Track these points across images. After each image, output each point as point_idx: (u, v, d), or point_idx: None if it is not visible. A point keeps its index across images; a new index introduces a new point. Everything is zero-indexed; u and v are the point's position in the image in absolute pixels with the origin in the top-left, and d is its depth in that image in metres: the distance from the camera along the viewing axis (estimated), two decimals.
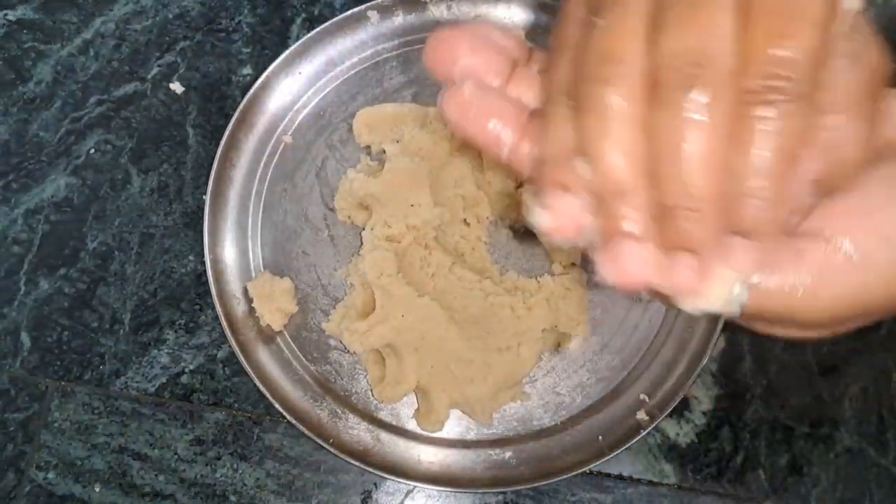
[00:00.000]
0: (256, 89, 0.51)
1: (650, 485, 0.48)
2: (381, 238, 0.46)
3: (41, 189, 0.51)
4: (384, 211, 0.46)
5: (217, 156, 0.49)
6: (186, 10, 0.56)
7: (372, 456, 0.46)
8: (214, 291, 0.47)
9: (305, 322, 0.48)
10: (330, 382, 0.48)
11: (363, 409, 0.47)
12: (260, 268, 0.49)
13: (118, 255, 0.50)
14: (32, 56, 0.54)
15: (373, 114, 0.52)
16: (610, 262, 0.20)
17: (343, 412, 0.47)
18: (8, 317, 0.49)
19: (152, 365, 0.49)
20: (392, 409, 0.48)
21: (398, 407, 0.48)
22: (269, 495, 0.47)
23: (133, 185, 0.52)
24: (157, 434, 0.47)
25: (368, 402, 0.48)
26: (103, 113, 0.53)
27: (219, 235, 0.49)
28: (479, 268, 0.49)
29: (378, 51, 0.54)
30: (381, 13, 0.54)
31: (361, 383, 0.48)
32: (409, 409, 0.48)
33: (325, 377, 0.48)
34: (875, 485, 0.48)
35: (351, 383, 0.48)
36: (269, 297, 0.47)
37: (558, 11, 0.22)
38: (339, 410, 0.47)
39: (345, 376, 0.48)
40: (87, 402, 0.48)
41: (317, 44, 0.52)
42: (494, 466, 0.46)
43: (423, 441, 0.47)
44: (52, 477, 0.47)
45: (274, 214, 0.50)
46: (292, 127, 0.52)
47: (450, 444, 0.47)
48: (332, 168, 0.52)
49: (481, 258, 0.49)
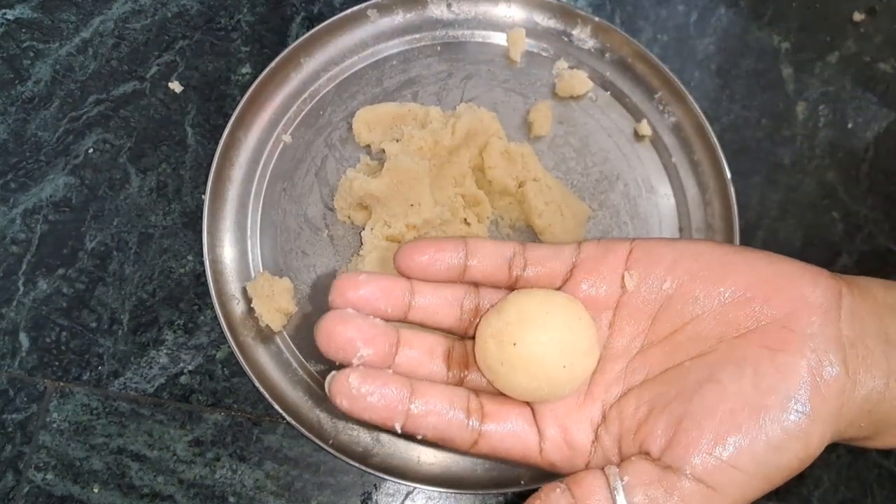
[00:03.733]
0: (256, 88, 0.50)
1: None
2: (381, 238, 0.46)
3: (39, 189, 0.51)
4: (384, 210, 0.46)
5: (216, 155, 0.49)
6: (185, 8, 0.55)
7: (371, 457, 0.46)
8: (213, 291, 0.47)
9: (305, 322, 0.48)
10: None
11: None
12: (259, 268, 0.49)
13: (117, 255, 0.50)
14: (31, 55, 0.54)
15: (373, 113, 0.51)
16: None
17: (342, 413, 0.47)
18: (6, 317, 0.49)
19: (151, 365, 0.48)
20: None
21: None
22: (269, 496, 0.47)
23: (132, 184, 0.52)
24: (156, 435, 0.47)
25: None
26: (102, 112, 0.53)
27: (218, 235, 0.49)
28: None
29: (378, 49, 0.54)
30: (381, 12, 0.53)
31: None
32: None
33: (325, 378, 0.47)
34: (877, 486, 0.48)
35: None
36: (269, 297, 0.47)
37: (558, 11, 0.23)
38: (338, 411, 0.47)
39: None
40: (86, 402, 0.48)
41: (316, 42, 0.52)
42: (495, 468, 0.46)
43: (424, 442, 0.47)
44: (50, 478, 0.46)
45: (273, 214, 0.50)
46: (291, 126, 0.52)
47: None
48: (332, 167, 0.51)
49: None
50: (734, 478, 0.24)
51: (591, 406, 0.28)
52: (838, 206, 0.54)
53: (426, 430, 0.27)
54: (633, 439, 0.26)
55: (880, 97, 0.56)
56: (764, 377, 0.25)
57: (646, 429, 0.26)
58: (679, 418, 0.25)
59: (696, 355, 0.27)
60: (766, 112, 0.56)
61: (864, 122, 0.56)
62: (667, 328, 0.28)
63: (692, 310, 0.27)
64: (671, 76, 0.52)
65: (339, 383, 0.26)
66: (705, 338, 0.27)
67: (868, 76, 0.57)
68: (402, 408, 0.27)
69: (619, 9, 0.58)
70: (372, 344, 0.28)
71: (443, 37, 0.54)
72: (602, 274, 0.29)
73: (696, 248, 0.28)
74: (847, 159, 0.55)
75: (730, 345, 0.26)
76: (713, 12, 0.59)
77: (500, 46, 0.55)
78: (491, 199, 0.50)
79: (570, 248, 0.30)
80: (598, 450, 0.27)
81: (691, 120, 0.52)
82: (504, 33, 0.55)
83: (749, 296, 0.26)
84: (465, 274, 0.30)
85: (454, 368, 0.30)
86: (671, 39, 0.58)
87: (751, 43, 0.58)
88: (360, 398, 0.26)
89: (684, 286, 0.28)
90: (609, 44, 0.54)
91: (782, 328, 0.26)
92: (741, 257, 0.28)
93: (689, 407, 0.25)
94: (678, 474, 0.24)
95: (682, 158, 0.52)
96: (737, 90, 0.56)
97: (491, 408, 0.28)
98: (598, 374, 0.28)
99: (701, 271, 0.27)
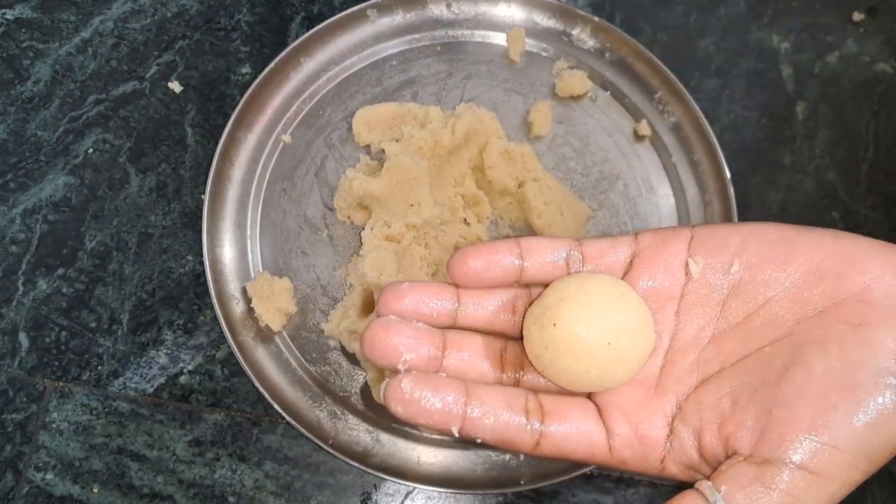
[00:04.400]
0: (256, 88, 0.50)
1: (650, 486, 0.47)
2: (381, 237, 0.46)
3: (39, 189, 0.51)
4: (384, 210, 0.46)
5: (216, 155, 0.49)
6: (185, 8, 0.55)
7: (371, 457, 0.46)
8: (213, 291, 0.47)
9: (304, 322, 0.48)
10: (329, 383, 0.47)
11: (362, 409, 0.47)
12: (259, 268, 0.49)
13: (116, 255, 0.50)
14: (31, 55, 0.54)
15: (372, 113, 0.51)
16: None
17: (342, 413, 0.47)
18: (6, 317, 0.49)
19: (150, 365, 0.48)
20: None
21: None
22: (268, 496, 0.47)
23: (131, 184, 0.52)
24: (156, 435, 0.47)
25: (368, 403, 0.47)
26: (102, 112, 0.53)
27: (217, 235, 0.49)
28: None
29: (377, 49, 0.54)
30: (381, 12, 0.53)
31: (361, 383, 0.48)
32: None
33: (325, 377, 0.47)
34: (876, 485, 0.48)
35: (350, 384, 0.48)
36: (269, 297, 0.47)
37: (558, 11, 0.23)
38: (338, 411, 0.47)
39: (344, 377, 0.48)
40: (86, 402, 0.48)
41: (316, 42, 0.52)
42: (495, 468, 0.46)
43: (423, 442, 0.47)
44: (50, 478, 0.46)
45: (273, 214, 0.50)
46: (291, 126, 0.52)
47: (450, 445, 0.47)
48: (332, 167, 0.51)
49: None
50: (838, 459, 0.23)
51: (663, 399, 0.27)
52: (838, 206, 0.54)
53: (484, 433, 0.26)
54: (716, 432, 0.26)
55: (880, 97, 0.56)
56: (851, 352, 0.24)
57: (733, 422, 0.25)
58: (768, 407, 0.24)
59: (774, 339, 0.26)
60: (766, 112, 0.56)
61: (863, 122, 0.55)
62: (738, 314, 0.27)
63: (764, 293, 0.27)
64: (671, 76, 0.52)
65: (392, 389, 0.26)
66: (781, 320, 0.26)
67: (868, 76, 0.57)
68: (457, 411, 0.26)
69: (619, 9, 0.58)
70: (415, 348, 0.27)
71: (442, 37, 0.54)
72: (664, 262, 0.28)
73: (760, 230, 0.27)
74: (847, 159, 0.55)
75: (808, 325, 0.26)
76: (713, 12, 0.59)
77: (500, 46, 0.55)
78: (491, 199, 0.50)
79: (628, 239, 0.29)
80: (675, 443, 0.27)
81: (691, 120, 0.52)
82: (504, 33, 0.55)
83: (821, 273, 0.26)
84: (522, 276, 0.29)
85: (508, 370, 0.29)
86: (671, 39, 0.58)
87: (751, 43, 0.58)
88: (413, 403, 0.26)
89: (753, 269, 0.27)
90: (609, 44, 0.54)
91: (860, 302, 0.25)
92: (807, 236, 0.27)
93: (778, 393, 0.24)
94: (777, 466, 0.23)
95: (681, 158, 0.52)
96: (737, 90, 0.56)
97: (551, 407, 0.27)
98: (669, 366, 0.28)
99: (768, 252, 0.27)
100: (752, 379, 0.26)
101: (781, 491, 0.23)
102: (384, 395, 0.26)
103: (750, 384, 0.26)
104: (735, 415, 0.25)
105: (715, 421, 0.26)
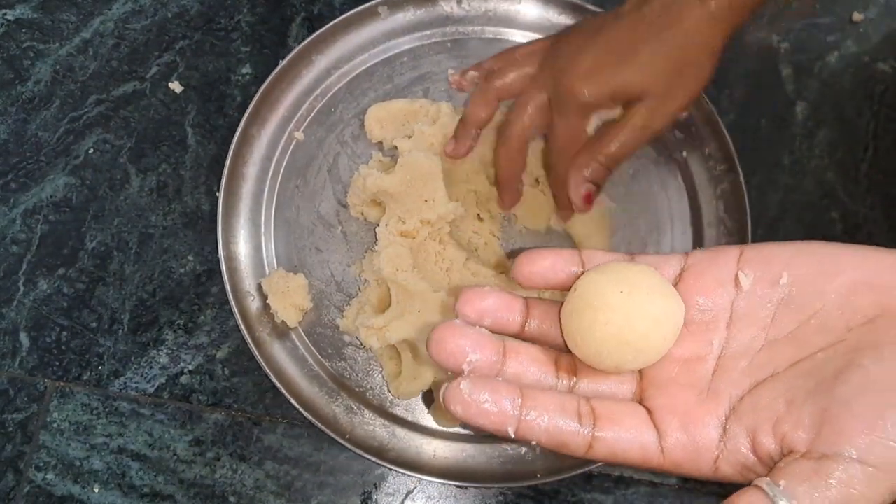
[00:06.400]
0: (268, 85, 0.50)
1: (651, 485, 0.47)
2: (396, 234, 0.46)
3: (40, 189, 0.51)
4: (398, 207, 0.46)
5: (230, 152, 0.49)
6: (185, 9, 0.55)
7: (388, 451, 0.46)
8: (229, 287, 0.47)
9: (319, 318, 0.48)
10: (345, 378, 0.48)
11: (378, 404, 0.47)
12: (273, 264, 0.49)
13: (117, 255, 0.50)
14: (31, 55, 0.54)
15: (384, 110, 0.51)
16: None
17: (358, 408, 0.47)
18: (7, 317, 0.49)
19: (151, 365, 0.48)
20: (407, 405, 0.48)
21: (414, 402, 0.48)
22: (269, 496, 0.47)
23: (132, 184, 0.52)
24: (157, 435, 0.47)
25: (384, 398, 0.48)
26: (102, 112, 0.53)
27: (232, 232, 0.49)
28: (493, 262, 0.49)
29: (389, 46, 0.54)
30: (392, 8, 0.53)
31: (377, 379, 0.48)
32: (425, 405, 0.48)
33: (340, 373, 0.48)
34: None
35: (366, 379, 0.48)
36: (284, 293, 0.47)
37: (569, 8, 0.24)
38: (354, 406, 0.47)
39: (360, 372, 0.48)
40: (86, 402, 0.48)
41: (328, 39, 0.52)
42: (510, 461, 0.46)
43: (440, 436, 0.47)
44: (50, 477, 0.46)
45: (287, 211, 0.50)
46: (304, 123, 0.52)
47: (466, 439, 0.47)
48: (344, 164, 0.51)
49: (495, 253, 0.49)
50: None
51: (716, 401, 0.28)
52: (838, 206, 0.54)
53: (539, 435, 0.27)
54: (771, 432, 0.26)
55: (880, 97, 0.56)
56: None
57: (789, 421, 0.26)
58: (824, 407, 0.25)
59: (826, 346, 0.27)
60: (766, 112, 0.56)
61: (863, 122, 0.56)
62: (789, 324, 0.28)
63: (813, 304, 0.28)
64: None
65: (452, 390, 0.27)
66: (832, 328, 0.27)
67: (868, 76, 0.57)
68: (513, 413, 0.27)
69: None
70: (480, 350, 0.29)
71: (453, 33, 0.54)
72: (714, 276, 0.29)
73: (807, 246, 0.29)
74: (847, 159, 0.55)
75: (860, 332, 0.26)
76: None
77: (511, 43, 0.54)
78: None
79: (678, 256, 0.31)
80: (729, 444, 0.27)
81: (702, 113, 0.52)
82: (514, 30, 0.54)
83: (870, 284, 0.27)
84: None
85: (563, 377, 0.30)
86: None
87: (751, 43, 0.58)
88: (472, 404, 0.27)
89: (802, 281, 0.28)
90: None
91: None
92: (853, 249, 0.28)
93: (835, 393, 0.25)
94: (836, 459, 0.24)
95: (692, 153, 0.52)
96: (737, 90, 0.56)
97: (603, 411, 0.28)
98: (720, 371, 0.29)
99: (816, 265, 0.28)
100: (806, 381, 0.26)
101: (841, 482, 0.24)
102: (444, 397, 0.27)
103: (804, 386, 0.26)
104: (791, 414, 0.26)
105: (770, 420, 0.26)
